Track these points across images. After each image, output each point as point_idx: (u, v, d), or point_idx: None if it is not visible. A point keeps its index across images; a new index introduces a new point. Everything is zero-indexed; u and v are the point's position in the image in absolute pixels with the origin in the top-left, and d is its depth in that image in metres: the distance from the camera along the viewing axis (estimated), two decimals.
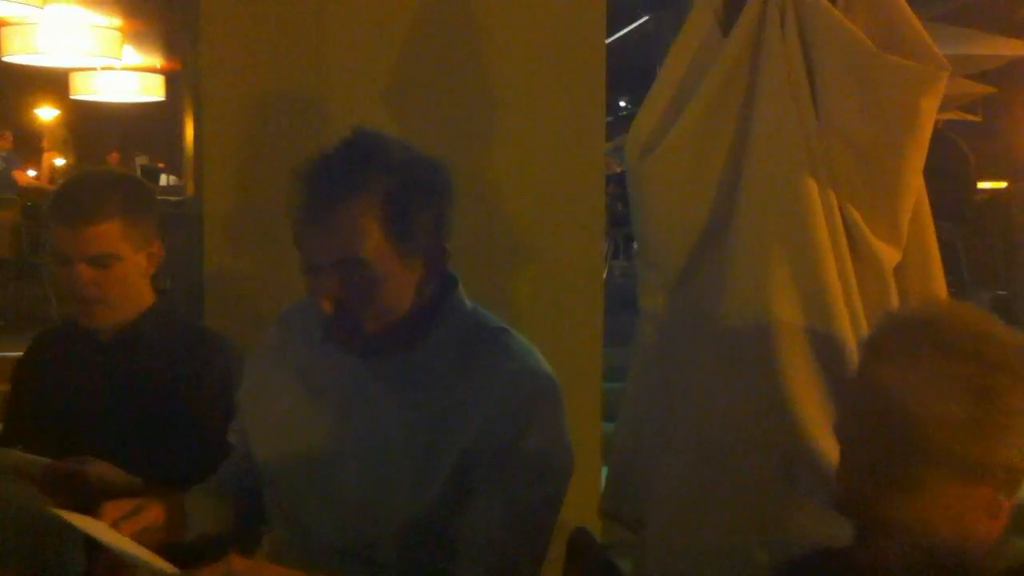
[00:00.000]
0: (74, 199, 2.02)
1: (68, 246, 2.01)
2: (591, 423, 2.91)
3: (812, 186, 2.07)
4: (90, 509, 1.65)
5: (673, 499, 2.18)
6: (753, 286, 2.08)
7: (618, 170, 10.13)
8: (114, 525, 1.61)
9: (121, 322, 2.09)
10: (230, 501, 1.81)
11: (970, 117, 8.82)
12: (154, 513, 1.68)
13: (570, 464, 1.63)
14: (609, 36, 3.15)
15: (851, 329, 2.04)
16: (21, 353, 2.31)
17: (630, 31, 10.54)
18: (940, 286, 2.18)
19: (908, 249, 2.12)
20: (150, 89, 9.83)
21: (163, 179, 13.01)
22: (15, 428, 2.19)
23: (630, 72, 10.90)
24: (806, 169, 2.07)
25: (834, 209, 2.07)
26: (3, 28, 7.52)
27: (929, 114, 2.03)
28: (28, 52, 7.64)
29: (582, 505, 1.83)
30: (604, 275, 3.40)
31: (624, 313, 2.96)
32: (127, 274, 2.05)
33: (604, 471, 2.61)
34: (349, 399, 1.64)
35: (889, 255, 2.09)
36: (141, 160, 14.21)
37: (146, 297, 2.13)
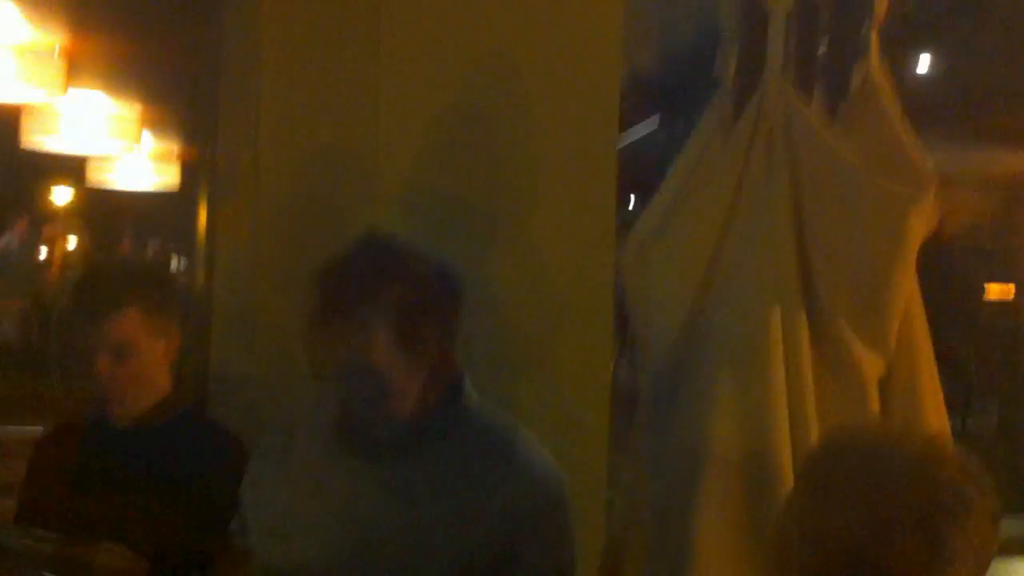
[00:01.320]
0: (93, 290, 2.05)
1: (87, 336, 2.03)
2: (596, 528, 2.86)
3: (772, 306, 2.07)
4: None
5: None
6: (700, 403, 2.08)
7: None
8: None
9: (137, 410, 2.10)
10: None
11: (978, 220, 8.85)
12: None
13: (573, 564, 1.62)
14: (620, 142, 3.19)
15: (789, 452, 2.02)
16: (38, 431, 2.33)
17: (643, 137, 10.68)
18: (932, 398, 2.16)
19: (895, 360, 2.11)
20: (166, 176, 9.94)
21: (174, 263, 13.11)
22: (28, 510, 2.18)
23: (642, 177, 11.03)
24: (769, 289, 2.08)
25: (800, 326, 2.07)
26: (25, 113, 7.62)
27: (916, 228, 2.05)
28: (48, 136, 7.73)
29: None
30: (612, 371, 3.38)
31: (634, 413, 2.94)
32: (145, 363, 2.08)
33: None
34: (350, 502, 1.64)
35: (874, 365, 2.08)
36: (153, 246, 14.34)
37: (163, 385, 2.15)
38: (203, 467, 2.08)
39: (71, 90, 6.64)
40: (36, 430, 2.35)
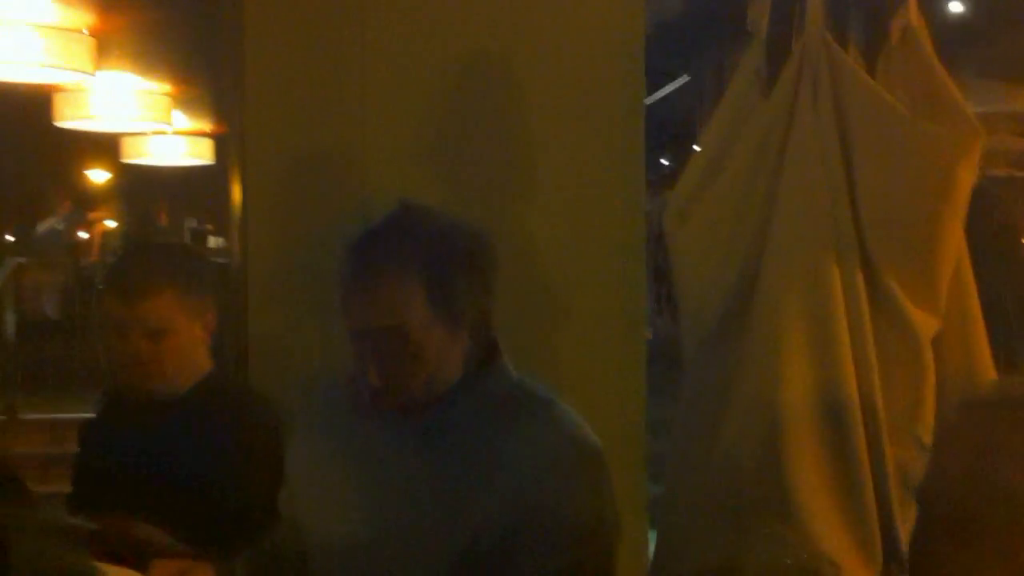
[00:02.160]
0: (129, 274, 2.06)
1: (123, 320, 2.04)
2: (636, 484, 2.88)
3: (831, 261, 2.06)
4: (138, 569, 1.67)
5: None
6: (767, 360, 2.08)
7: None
8: None
9: (177, 390, 2.13)
10: (282, 568, 1.82)
11: (1020, 173, 8.73)
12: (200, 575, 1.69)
13: (617, 532, 1.62)
14: (650, 94, 3.17)
15: (859, 407, 2.02)
16: (79, 415, 2.37)
17: (672, 91, 10.59)
18: (982, 354, 2.15)
19: (948, 317, 2.09)
20: (199, 153, 10.00)
21: (211, 241, 13.20)
22: (79, 492, 2.23)
23: (672, 130, 10.93)
24: (828, 243, 2.07)
25: (858, 283, 2.06)
26: (57, 95, 7.69)
27: (965, 180, 2.02)
28: (81, 118, 7.81)
29: (630, 569, 1.81)
30: (648, 332, 3.38)
31: (672, 369, 2.94)
32: (182, 345, 2.09)
33: (652, 534, 2.58)
34: (390, 468, 1.66)
35: (927, 324, 2.07)
36: (190, 223, 14.43)
37: (202, 364, 2.17)
38: (246, 440, 2.11)
39: (101, 71, 6.68)
40: (86, 414, 2.39)
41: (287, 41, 2.78)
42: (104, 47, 6.59)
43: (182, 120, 9.37)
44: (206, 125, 9.92)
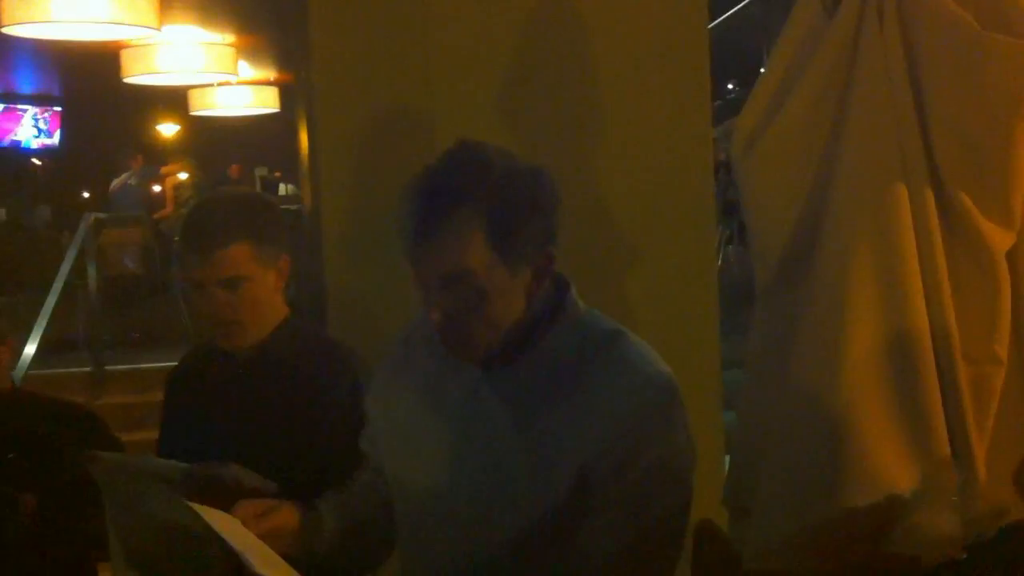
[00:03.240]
0: (202, 225, 2.09)
1: (199, 271, 2.08)
2: (712, 415, 2.90)
3: (899, 181, 2.03)
4: (225, 510, 1.73)
5: (776, 482, 2.17)
6: (836, 283, 2.06)
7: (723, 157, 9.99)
8: (244, 523, 1.67)
9: (256, 338, 2.17)
10: (364, 511, 1.86)
11: None
12: (285, 516, 1.74)
13: (694, 466, 1.63)
14: (714, 19, 3.14)
15: (929, 328, 2.01)
16: (165, 364, 2.42)
17: (736, 13, 10.39)
18: None
19: (1022, 230, 2.07)
20: (265, 101, 10.08)
21: (281, 188, 13.34)
22: (168, 438, 2.30)
23: (738, 55, 10.74)
24: (896, 164, 2.04)
25: (928, 202, 2.03)
26: (124, 51, 7.79)
27: None
28: (148, 73, 7.91)
29: (707, 497, 1.84)
30: (719, 264, 3.39)
31: (744, 301, 2.94)
32: (258, 293, 2.12)
33: (727, 461, 2.60)
34: (466, 412, 1.67)
35: (1001, 239, 2.04)
36: (260, 171, 14.58)
37: (278, 311, 2.21)
38: (325, 385, 2.15)
39: (166, 25, 6.75)
40: (173, 365, 2.44)
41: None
42: (168, 2, 6.65)
43: (246, 70, 9.44)
44: (270, 74, 9.99)
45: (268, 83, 10.15)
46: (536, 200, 1.60)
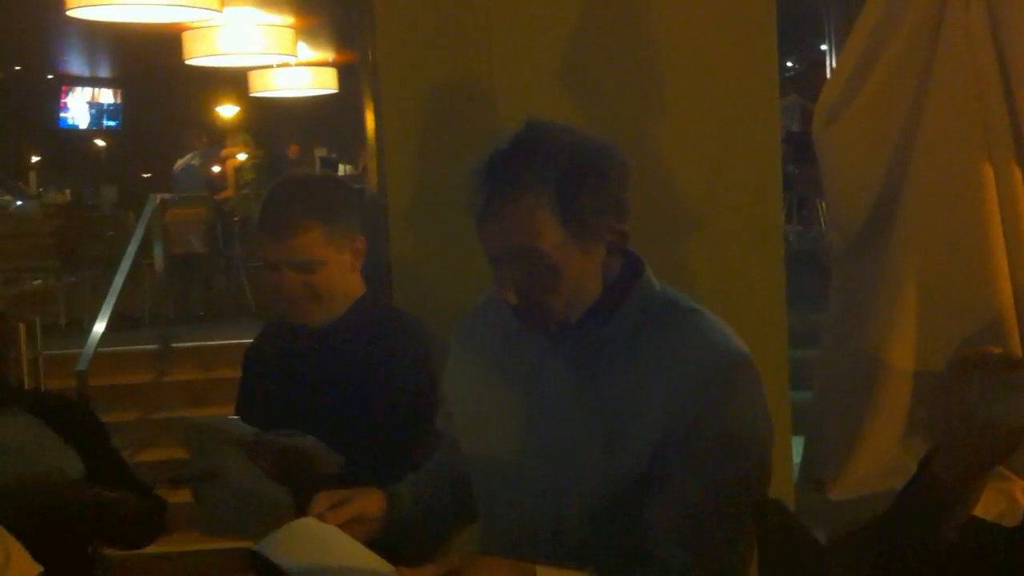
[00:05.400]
0: (278, 209, 2.13)
1: (275, 254, 2.13)
2: (779, 392, 2.88)
3: (983, 157, 2.00)
4: (294, 480, 1.75)
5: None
6: (916, 254, 2.04)
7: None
8: (320, 516, 1.67)
9: (330, 316, 2.20)
10: (443, 490, 1.88)
11: None
12: (361, 504, 1.74)
13: (770, 440, 1.63)
14: None
15: (1013, 305, 1.98)
16: (228, 341, 2.46)
17: None
18: None
19: None
20: (323, 82, 10.16)
21: (340, 169, 13.43)
22: (243, 413, 2.34)
23: (797, 33, 10.60)
24: (980, 139, 2.01)
25: (1014, 177, 2.00)
26: (185, 33, 7.88)
27: None
28: (209, 54, 7.99)
29: (774, 475, 1.83)
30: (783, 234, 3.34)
31: (802, 277, 2.92)
32: (333, 274, 2.16)
33: (794, 441, 2.59)
34: (540, 385, 1.68)
35: None
36: (320, 152, 14.69)
37: (354, 289, 2.24)
38: (400, 363, 2.16)
39: (227, 7, 6.81)
40: (237, 341, 2.47)
41: None
42: None
43: (305, 51, 9.51)
44: (329, 54, 10.05)
45: (327, 64, 10.22)
46: (606, 176, 1.60)
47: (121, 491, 2.33)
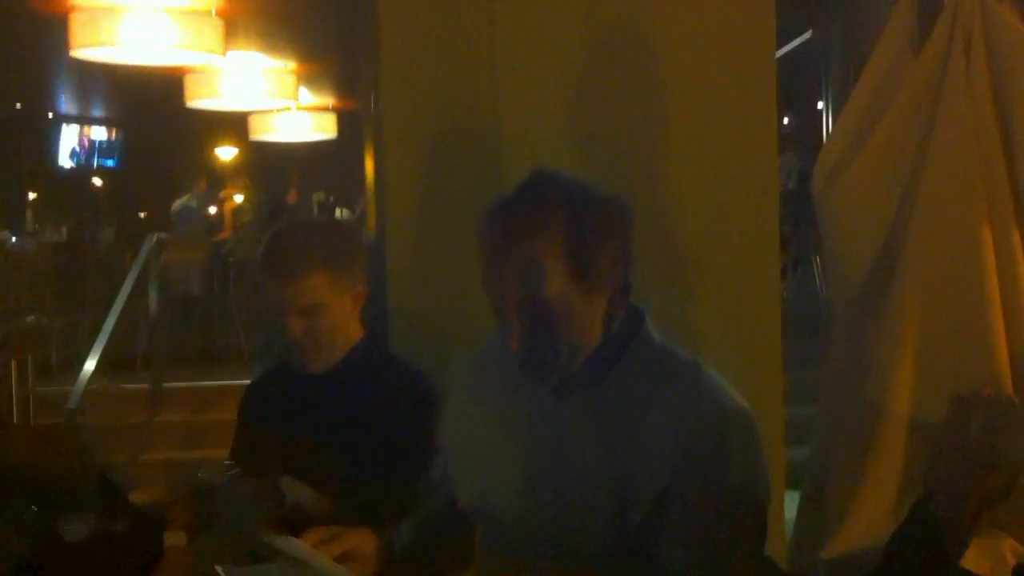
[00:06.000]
0: (281, 253, 2.15)
1: (278, 298, 2.14)
2: (774, 447, 2.87)
3: (984, 220, 2.02)
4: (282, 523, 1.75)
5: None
6: (915, 312, 2.05)
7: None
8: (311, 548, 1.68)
9: (330, 361, 2.20)
10: (436, 536, 1.87)
11: None
12: (355, 541, 1.75)
13: (769, 498, 1.63)
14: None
15: (1011, 369, 1.99)
16: (222, 383, 2.46)
17: (792, 49, 10.36)
18: None
19: None
20: (323, 127, 10.23)
21: (337, 213, 13.47)
22: (238, 455, 2.33)
23: (793, 90, 10.68)
24: (980, 202, 2.03)
25: (1013, 242, 2.02)
26: (188, 76, 7.93)
27: None
28: (211, 97, 8.04)
29: (769, 530, 1.82)
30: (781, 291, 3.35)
31: (798, 336, 2.92)
32: (334, 319, 2.17)
33: (787, 495, 2.58)
34: (542, 435, 1.68)
35: None
36: (318, 197, 14.73)
37: (353, 334, 2.24)
38: (396, 410, 2.17)
39: (229, 51, 6.87)
40: (231, 382, 2.48)
41: (419, 20, 2.82)
42: (232, 28, 6.77)
43: (306, 96, 9.57)
44: (330, 100, 10.11)
45: (327, 109, 10.28)
46: (611, 226, 1.62)
47: None
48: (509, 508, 1.69)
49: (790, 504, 2.81)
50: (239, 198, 10.49)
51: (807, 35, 9.75)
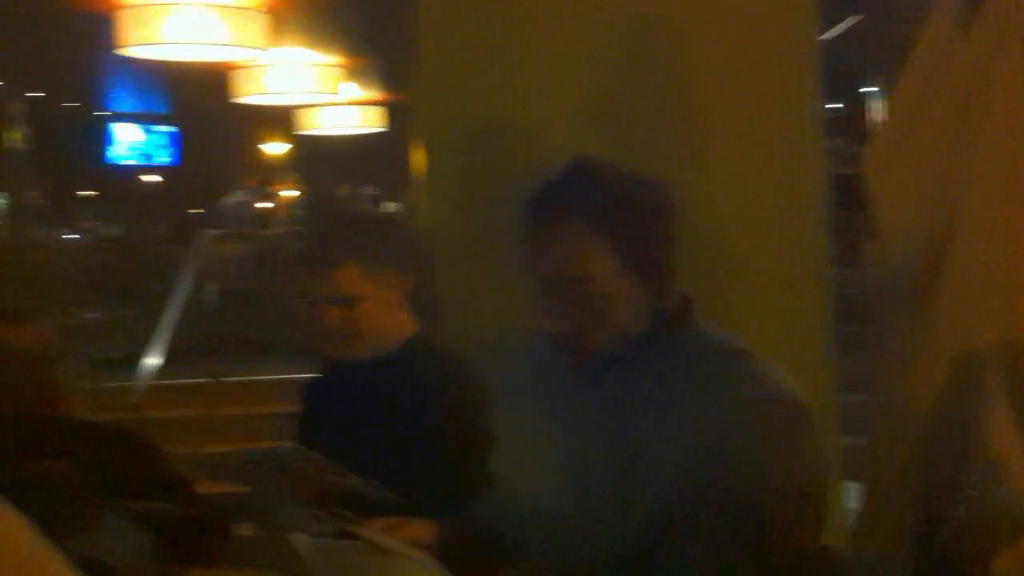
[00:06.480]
0: (316, 247, 2.20)
1: (312, 288, 2.18)
2: (828, 437, 2.84)
3: None
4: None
5: None
6: (965, 307, 2.02)
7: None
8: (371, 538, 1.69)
9: (378, 353, 2.22)
10: (494, 526, 1.86)
11: None
12: (412, 531, 1.76)
13: (825, 484, 1.61)
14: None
15: None
16: (277, 376, 2.49)
17: (837, 34, 10.22)
18: None
19: None
20: (370, 121, 10.26)
21: (385, 206, 13.51)
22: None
23: (838, 75, 10.55)
24: None
25: None
26: (233, 72, 7.99)
27: None
28: (257, 93, 8.10)
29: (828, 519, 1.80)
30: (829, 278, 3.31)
31: (849, 323, 2.89)
32: (372, 311, 2.20)
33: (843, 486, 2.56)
34: (591, 427, 1.68)
35: None
36: (367, 190, 14.81)
37: (404, 326, 2.27)
38: (451, 402, 2.18)
39: (274, 47, 6.92)
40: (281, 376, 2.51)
41: (460, 11, 2.83)
42: (277, 24, 6.81)
43: (352, 90, 9.61)
44: (376, 94, 10.15)
45: (375, 103, 10.31)
46: (654, 210, 1.62)
47: None
48: (557, 493, 1.69)
49: (847, 494, 2.78)
50: (289, 193, 10.58)
51: (853, 20, 9.60)
